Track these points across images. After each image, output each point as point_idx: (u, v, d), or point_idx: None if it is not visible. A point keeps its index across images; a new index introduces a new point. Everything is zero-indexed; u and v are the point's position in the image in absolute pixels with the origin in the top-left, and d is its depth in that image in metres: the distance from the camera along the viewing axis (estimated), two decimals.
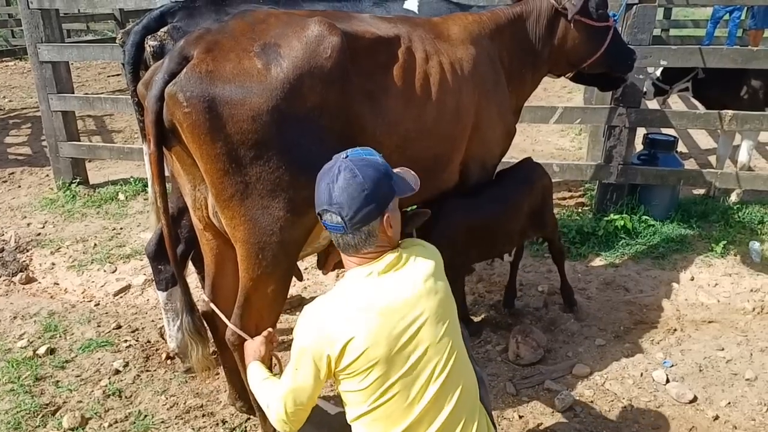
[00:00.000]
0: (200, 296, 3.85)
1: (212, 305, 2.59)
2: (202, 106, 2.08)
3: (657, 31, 12.20)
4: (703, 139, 7.27)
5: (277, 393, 1.92)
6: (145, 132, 3.00)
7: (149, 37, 2.81)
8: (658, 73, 5.06)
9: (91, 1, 5.29)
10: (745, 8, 11.64)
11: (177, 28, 2.84)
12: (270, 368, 2.21)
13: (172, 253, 2.45)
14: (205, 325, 2.60)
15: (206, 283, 2.67)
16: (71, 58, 5.42)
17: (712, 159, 6.41)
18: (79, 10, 13.44)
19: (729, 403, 3.01)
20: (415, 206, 3.18)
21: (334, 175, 1.80)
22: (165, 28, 2.83)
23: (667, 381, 3.16)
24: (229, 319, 2.49)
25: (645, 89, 5.04)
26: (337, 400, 2.64)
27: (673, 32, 12.89)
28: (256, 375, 2.09)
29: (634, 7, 4.20)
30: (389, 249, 1.88)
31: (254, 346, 2.22)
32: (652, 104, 5.80)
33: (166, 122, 2.19)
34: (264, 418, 2.62)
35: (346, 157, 1.83)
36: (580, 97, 8.54)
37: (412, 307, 1.83)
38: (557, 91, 9.45)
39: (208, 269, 2.66)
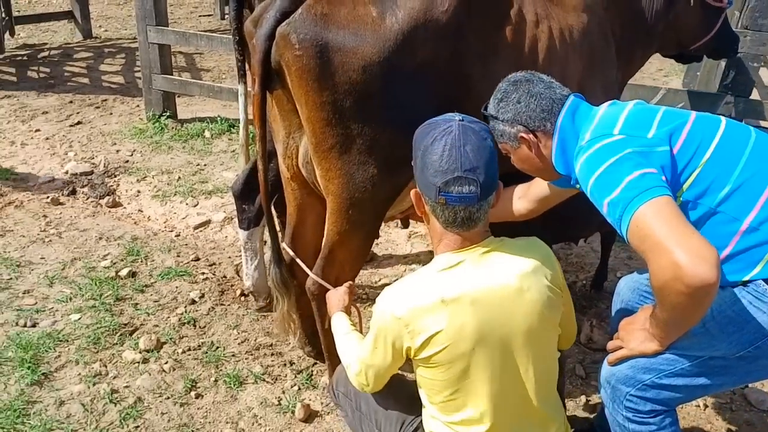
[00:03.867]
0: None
1: (292, 254, 2.62)
2: (314, 50, 2.05)
3: None
4: None
5: (357, 358, 1.87)
6: (246, 72, 3.05)
7: None
8: None
9: None
10: None
11: None
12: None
13: (266, 200, 2.48)
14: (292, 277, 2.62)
15: (287, 232, 2.69)
16: None
17: None
18: None
19: None
20: None
21: (458, 138, 1.65)
22: None
23: (746, 386, 3.03)
24: (311, 269, 2.52)
25: None
26: None
27: None
28: (341, 326, 2.09)
29: None
30: (489, 233, 1.79)
31: (338, 296, 2.23)
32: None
33: (274, 63, 2.18)
34: (332, 367, 2.65)
35: (462, 119, 1.71)
36: (677, 82, 8.14)
37: (502, 302, 1.68)
38: (652, 74, 9.03)
39: (290, 218, 2.67)
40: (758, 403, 2.90)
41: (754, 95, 7.70)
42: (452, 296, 1.66)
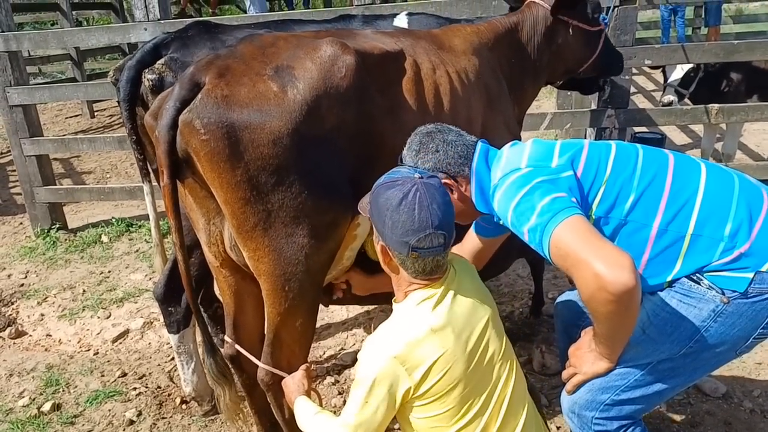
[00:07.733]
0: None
1: (237, 346, 2.46)
2: (220, 131, 1.98)
3: None
4: (677, 135, 7.39)
5: (342, 425, 1.78)
6: (149, 170, 2.93)
7: (146, 70, 2.70)
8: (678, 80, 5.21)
9: (60, 40, 5.12)
10: (691, 7, 12.08)
11: (174, 59, 2.74)
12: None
13: (190, 292, 2.33)
14: (229, 365, 2.47)
15: (227, 323, 2.54)
16: (43, 100, 5.25)
17: (693, 153, 6.51)
18: (29, 52, 13.12)
19: (761, 393, 2.99)
20: None
21: (425, 197, 1.73)
22: (162, 60, 2.73)
23: None
24: (258, 358, 2.38)
25: (671, 99, 5.13)
26: None
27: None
28: (306, 410, 1.97)
29: (616, 9, 4.24)
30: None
31: (296, 382, 2.12)
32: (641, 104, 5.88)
33: (180, 152, 2.08)
34: None
35: (421, 177, 1.79)
36: (548, 104, 8.60)
37: (478, 319, 1.84)
38: None
39: (227, 308, 2.53)
40: (713, 392, 3.00)
41: (642, 102, 8.31)
42: (439, 324, 1.76)
